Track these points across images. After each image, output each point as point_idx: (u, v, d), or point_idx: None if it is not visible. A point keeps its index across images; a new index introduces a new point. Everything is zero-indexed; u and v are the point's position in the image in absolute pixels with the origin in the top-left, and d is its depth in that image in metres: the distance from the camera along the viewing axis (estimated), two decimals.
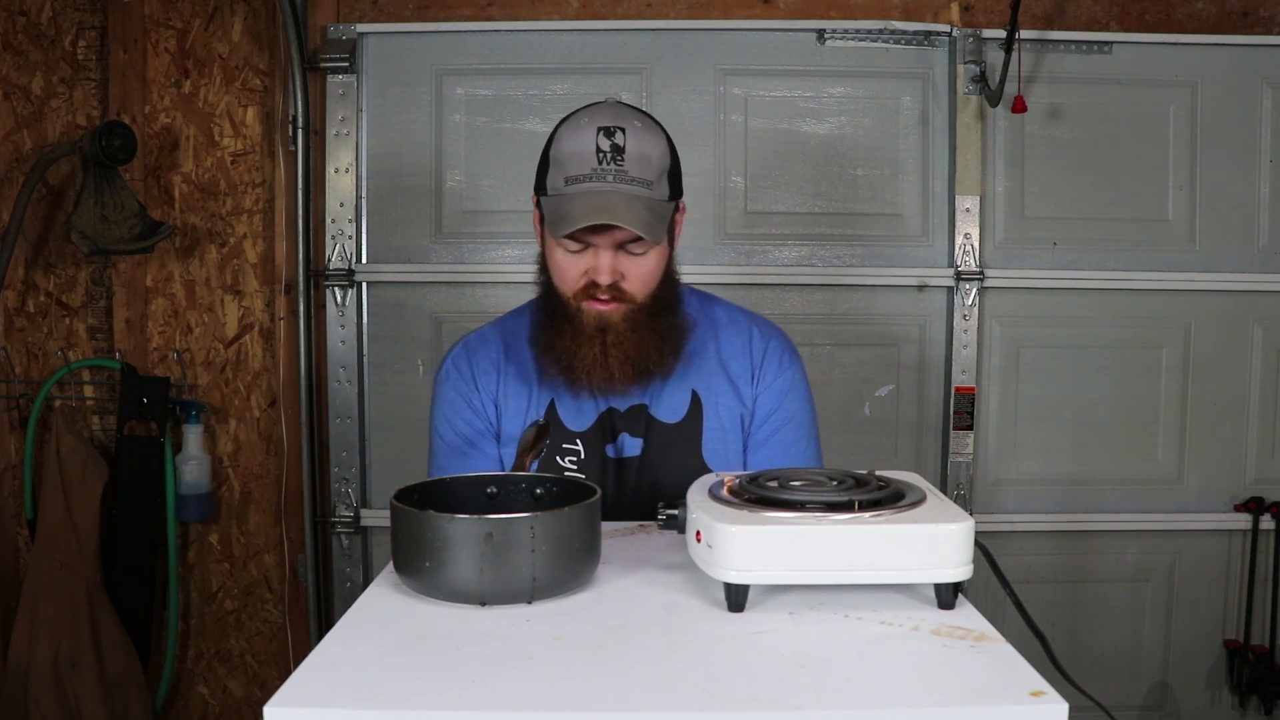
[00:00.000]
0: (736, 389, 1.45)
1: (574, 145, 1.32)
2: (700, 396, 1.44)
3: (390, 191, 2.46)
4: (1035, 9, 2.40)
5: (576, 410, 1.42)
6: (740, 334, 1.49)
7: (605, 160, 1.30)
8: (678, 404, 1.43)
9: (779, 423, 1.46)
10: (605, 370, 1.37)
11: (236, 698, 2.59)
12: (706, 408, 1.43)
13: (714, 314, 1.51)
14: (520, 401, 1.44)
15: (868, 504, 0.96)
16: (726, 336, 1.48)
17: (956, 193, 2.43)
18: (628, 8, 2.45)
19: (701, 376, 1.44)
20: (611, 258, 1.33)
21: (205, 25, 2.46)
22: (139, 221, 2.34)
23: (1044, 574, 2.50)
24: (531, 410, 1.43)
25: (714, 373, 1.45)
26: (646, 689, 0.78)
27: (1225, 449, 2.51)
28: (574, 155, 1.31)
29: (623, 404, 1.42)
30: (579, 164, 1.31)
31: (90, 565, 2.37)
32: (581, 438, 1.42)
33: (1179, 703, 2.55)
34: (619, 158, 1.30)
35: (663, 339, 1.39)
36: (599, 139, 1.30)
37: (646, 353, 1.38)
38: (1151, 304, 2.48)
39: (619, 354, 1.36)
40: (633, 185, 1.30)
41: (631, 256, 1.34)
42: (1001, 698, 0.76)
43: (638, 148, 1.31)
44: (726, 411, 1.44)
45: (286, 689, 0.76)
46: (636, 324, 1.37)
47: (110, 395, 2.49)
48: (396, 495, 1.00)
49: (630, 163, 1.30)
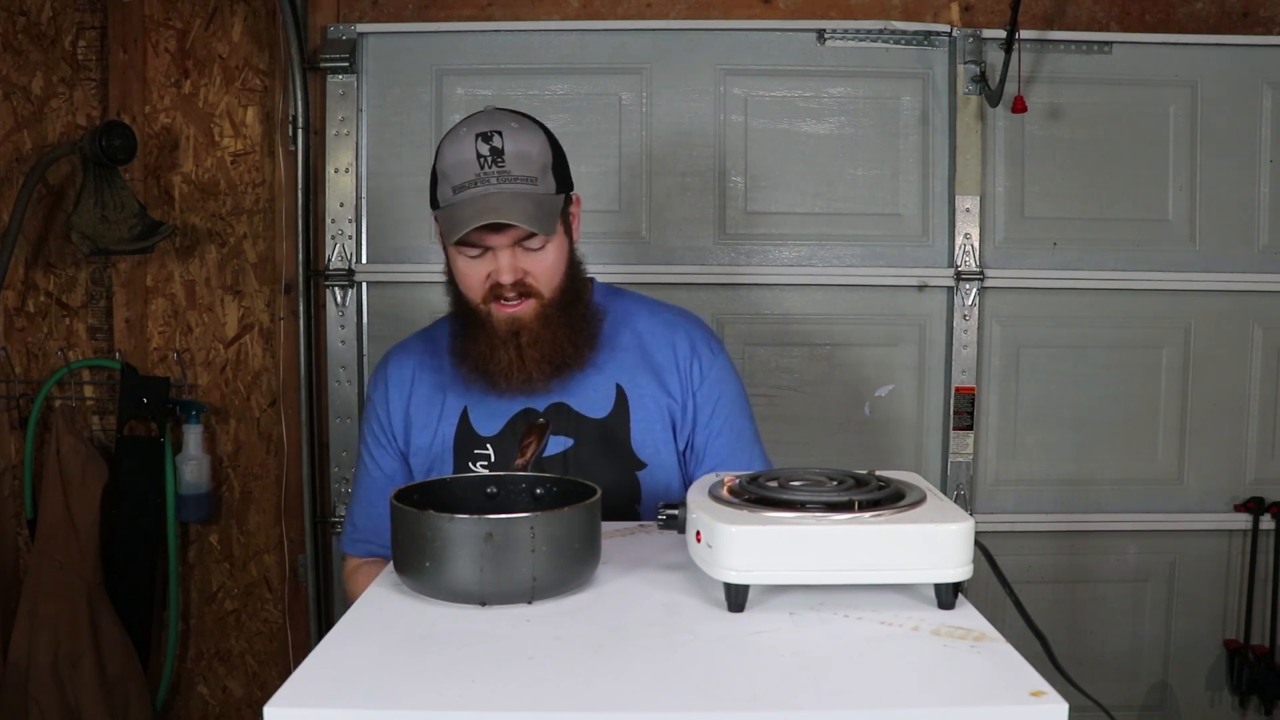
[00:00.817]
0: (663, 381, 1.46)
1: (455, 155, 1.35)
2: (625, 389, 1.45)
3: (390, 191, 2.47)
4: (1035, 9, 2.40)
5: (488, 415, 1.43)
6: (661, 326, 1.50)
7: (486, 164, 1.33)
8: (601, 398, 1.44)
9: (726, 412, 1.48)
10: (523, 371, 1.39)
11: (236, 698, 2.59)
12: (632, 400, 1.44)
13: (625, 305, 1.53)
14: (432, 410, 1.46)
15: (868, 504, 0.96)
16: (647, 328, 1.50)
17: (956, 193, 2.43)
18: (628, 8, 2.45)
19: (624, 370, 1.46)
20: (511, 257, 1.36)
21: (205, 25, 2.46)
22: (139, 221, 2.34)
23: (1044, 574, 2.50)
24: (443, 420, 1.45)
25: (636, 365, 1.46)
26: (646, 689, 0.78)
27: (1225, 449, 2.51)
28: (456, 165, 1.35)
29: (541, 403, 1.43)
30: (462, 172, 1.34)
31: (90, 565, 2.37)
32: (492, 442, 1.43)
33: (1179, 703, 2.55)
34: (499, 159, 1.34)
35: (575, 330, 1.42)
36: (478, 145, 1.34)
37: (562, 348, 1.40)
38: (1151, 304, 2.48)
39: (535, 354, 1.39)
40: (517, 184, 1.33)
41: (530, 253, 1.37)
42: (1001, 698, 0.76)
43: (516, 147, 1.34)
44: (653, 403, 1.45)
45: (286, 689, 0.76)
46: (548, 320, 1.39)
47: (110, 395, 2.49)
48: (396, 495, 1.00)
49: (511, 162, 1.34)
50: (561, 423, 1.42)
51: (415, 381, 1.49)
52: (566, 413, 1.43)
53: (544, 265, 1.38)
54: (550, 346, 1.39)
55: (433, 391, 1.48)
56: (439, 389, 1.47)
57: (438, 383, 1.48)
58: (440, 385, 1.47)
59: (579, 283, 1.46)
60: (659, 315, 1.52)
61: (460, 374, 1.44)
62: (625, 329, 1.49)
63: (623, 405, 1.44)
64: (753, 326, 2.46)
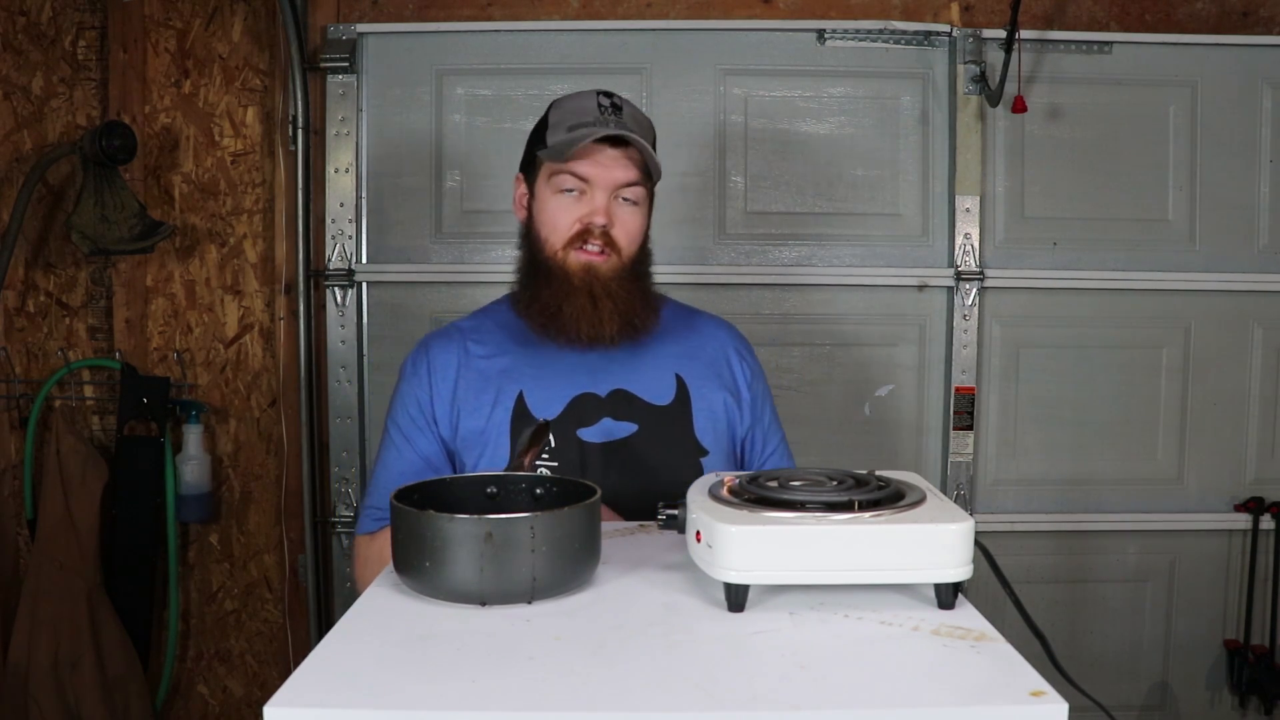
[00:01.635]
0: (719, 375, 1.49)
1: (574, 104, 1.42)
2: (685, 380, 1.46)
3: (390, 191, 2.47)
4: (1035, 9, 2.40)
5: (546, 398, 1.42)
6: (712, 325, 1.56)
7: (605, 112, 1.40)
8: (663, 387, 1.45)
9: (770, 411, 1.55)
10: (594, 318, 1.39)
11: (236, 698, 2.59)
12: (693, 390, 1.46)
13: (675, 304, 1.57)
14: (484, 394, 1.43)
15: (868, 504, 0.96)
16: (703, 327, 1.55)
17: (956, 193, 2.43)
18: (628, 8, 2.45)
19: (682, 362, 1.48)
20: (607, 199, 1.39)
21: (205, 25, 2.46)
22: (139, 221, 2.34)
23: (1044, 574, 2.50)
24: (498, 405, 1.42)
25: (694, 357, 1.49)
26: (646, 689, 0.78)
27: (1225, 449, 2.51)
28: (574, 110, 1.41)
29: (603, 388, 1.42)
30: (580, 115, 1.40)
31: (90, 565, 2.37)
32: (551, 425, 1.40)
33: (1179, 703, 2.55)
34: (618, 112, 1.41)
35: (645, 296, 1.45)
36: (599, 98, 1.41)
37: (634, 305, 1.42)
38: (1151, 304, 2.48)
39: (609, 304, 1.40)
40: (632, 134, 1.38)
41: (625, 206, 1.41)
42: (1001, 698, 0.76)
43: (632, 112, 1.43)
44: (714, 398, 1.47)
45: (286, 689, 0.76)
46: (622, 278, 1.41)
47: (110, 395, 2.49)
48: (396, 495, 1.00)
49: (628, 119, 1.40)
50: (624, 409, 1.42)
51: (462, 366, 1.46)
52: (629, 399, 1.43)
53: (632, 224, 1.41)
54: (624, 301, 1.40)
55: (483, 376, 1.45)
56: (491, 373, 1.45)
57: (490, 367, 1.45)
58: (493, 369, 1.45)
59: (648, 264, 1.48)
60: (705, 315, 1.59)
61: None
62: (681, 323, 1.53)
63: (684, 394, 1.45)
64: (753, 326, 2.45)
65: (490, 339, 1.48)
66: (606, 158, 1.38)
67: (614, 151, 1.39)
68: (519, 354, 1.45)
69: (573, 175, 1.39)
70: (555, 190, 1.40)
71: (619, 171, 1.38)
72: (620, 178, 1.39)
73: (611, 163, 1.38)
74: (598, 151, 1.38)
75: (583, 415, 1.41)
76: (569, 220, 1.40)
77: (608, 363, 1.44)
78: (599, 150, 1.38)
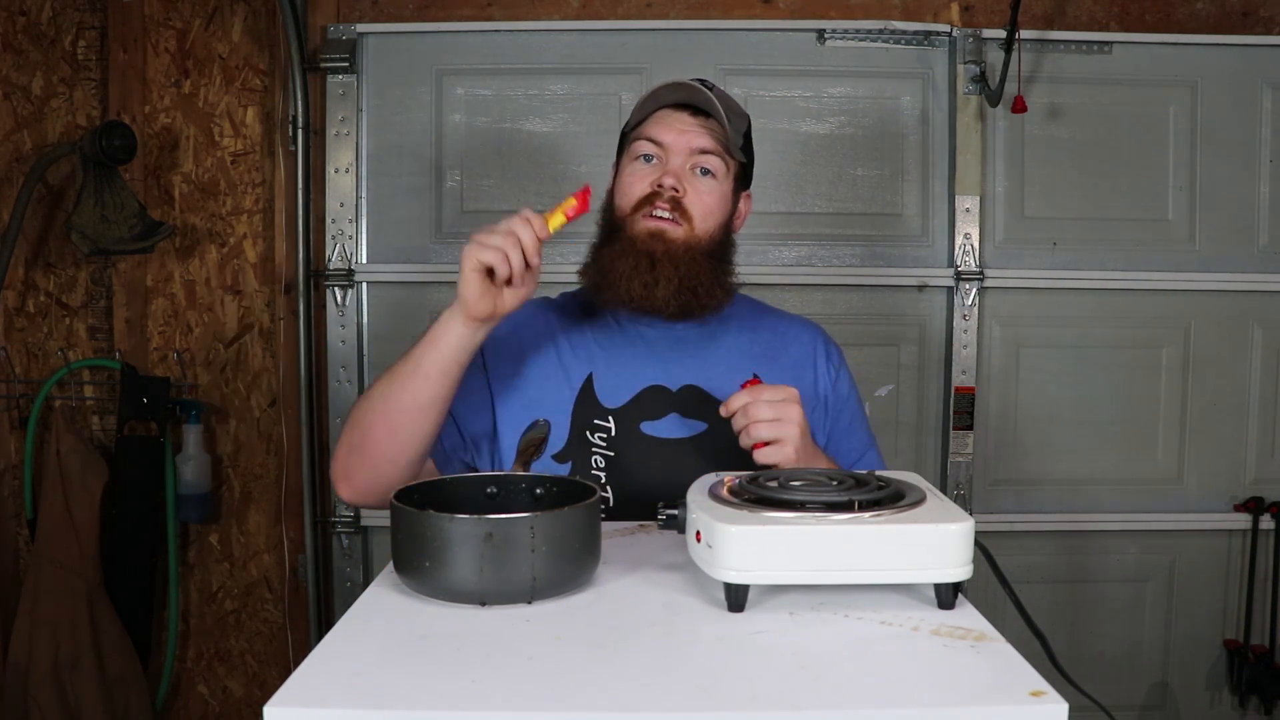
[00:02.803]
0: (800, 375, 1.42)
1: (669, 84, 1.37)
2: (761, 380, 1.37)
3: (390, 191, 2.47)
4: (1035, 9, 2.40)
5: (615, 385, 1.37)
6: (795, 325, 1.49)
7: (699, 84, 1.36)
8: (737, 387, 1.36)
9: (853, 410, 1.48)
10: (650, 277, 1.30)
11: (236, 698, 2.59)
12: None
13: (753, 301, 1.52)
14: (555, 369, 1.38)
15: (867, 504, 0.96)
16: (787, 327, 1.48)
17: (956, 193, 2.43)
18: (628, 8, 2.45)
19: (759, 360, 1.41)
20: (681, 166, 1.34)
21: (205, 25, 2.46)
22: (139, 221, 2.34)
23: (1044, 574, 2.50)
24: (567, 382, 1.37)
25: (773, 357, 1.42)
26: (646, 689, 0.78)
27: (1225, 449, 2.51)
28: (667, 87, 1.37)
29: (675, 381, 1.38)
30: (674, 89, 1.36)
31: (90, 565, 2.37)
32: (615, 415, 1.35)
33: (1179, 703, 2.55)
34: (712, 90, 1.36)
35: (714, 272, 1.36)
36: (695, 81, 1.36)
37: (698, 276, 1.33)
38: (1151, 304, 2.48)
39: (669, 269, 1.31)
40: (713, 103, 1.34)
41: (699, 177, 1.35)
42: (1001, 698, 0.76)
43: (726, 100, 1.37)
44: None
45: (286, 689, 0.76)
46: (691, 249, 1.33)
47: (110, 395, 2.49)
48: (396, 495, 1.00)
49: (719, 97, 1.36)
50: (694, 406, 1.36)
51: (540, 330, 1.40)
52: (701, 397, 1.37)
53: (708, 195, 1.35)
54: (686, 269, 1.32)
55: (555, 350, 1.39)
56: (563, 348, 1.39)
57: (563, 343, 1.40)
58: (565, 346, 1.40)
59: (727, 251, 1.40)
60: (790, 315, 1.52)
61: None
62: (761, 320, 1.48)
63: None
64: None
65: (570, 317, 1.44)
66: (684, 123, 1.34)
67: (693, 119, 1.35)
68: (594, 334, 1.40)
69: (649, 140, 1.35)
70: (632, 158, 1.37)
71: (695, 138, 1.34)
72: (696, 143, 1.34)
73: (688, 130, 1.34)
74: (675, 118, 1.35)
75: (651, 408, 1.35)
76: (641, 183, 1.34)
77: (680, 353, 1.39)
78: (677, 117, 1.35)
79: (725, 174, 1.38)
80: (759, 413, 1.20)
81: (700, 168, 1.35)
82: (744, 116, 1.42)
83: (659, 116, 1.35)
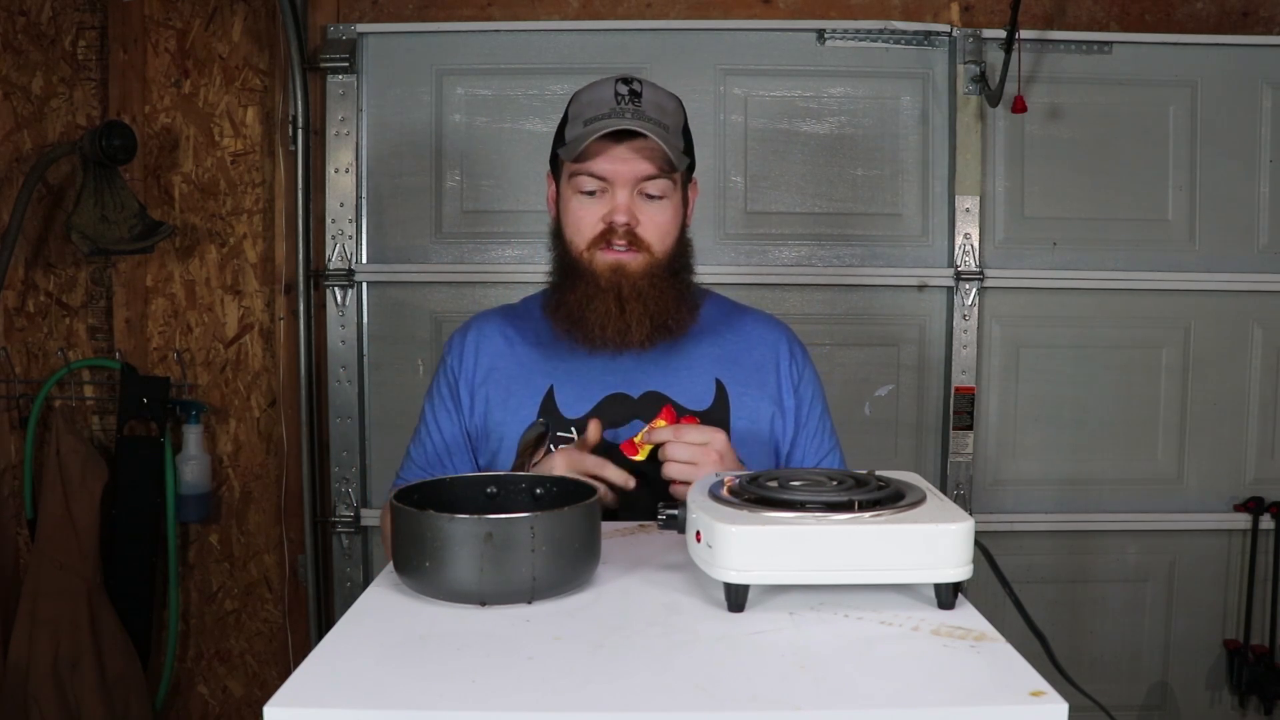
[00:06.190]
0: (763, 380, 1.42)
1: (592, 95, 1.34)
2: (725, 386, 1.40)
3: (390, 191, 2.47)
4: (1035, 9, 2.40)
5: (576, 396, 1.38)
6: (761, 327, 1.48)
7: (623, 101, 1.32)
8: (701, 391, 1.39)
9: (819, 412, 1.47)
10: (622, 322, 1.32)
11: (236, 698, 2.59)
12: (733, 396, 1.40)
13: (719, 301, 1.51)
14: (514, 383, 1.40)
15: (867, 504, 0.95)
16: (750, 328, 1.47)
17: (956, 193, 2.43)
18: (628, 8, 2.45)
19: (723, 365, 1.41)
20: (629, 197, 1.33)
21: (205, 25, 2.46)
22: (139, 221, 2.34)
23: (1044, 574, 2.50)
24: (527, 398, 1.39)
25: (736, 361, 1.42)
26: (646, 689, 0.78)
27: (1225, 449, 2.51)
28: (591, 102, 1.33)
29: (635, 389, 1.38)
30: (596, 107, 1.32)
31: (90, 565, 2.37)
32: (577, 425, 1.36)
33: (1179, 703, 2.55)
34: (636, 100, 1.33)
35: (679, 296, 1.37)
36: (616, 86, 1.33)
37: (665, 306, 1.35)
38: (1151, 304, 2.48)
39: (637, 306, 1.33)
40: (650, 123, 1.31)
41: (648, 201, 1.34)
42: (1001, 698, 0.76)
43: (654, 97, 1.34)
44: (754, 405, 1.40)
45: (286, 689, 0.76)
46: (654, 278, 1.34)
47: (110, 395, 2.49)
48: (396, 495, 1.00)
49: (648, 106, 1.33)
50: (656, 411, 1.35)
51: (499, 352, 1.43)
52: (662, 402, 1.37)
53: (660, 219, 1.34)
54: (653, 302, 1.33)
55: (516, 365, 1.41)
56: (524, 363, 1.41)
57: (523, 357, 1.42)
58: (525, 360, 1.41)
59: (686, 258, 1.41)
60: (753, 313, 1.51)
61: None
62: (724, 323, 1.47)
63: (723, 400, 1.39)
64: None
65: (530, 328, 1.45)
66: (623, 152, 1.31)
67: (631, 145, 1.31)
68: (554, 347, 1.41)
69: (590, 175, 1.33)
70: (575, 191, 1.35)
71: (637, 164, 1.31)
72: (640, 171, 1.32)
73: (629, 157, 1.31)
74: (613, 146, 1.31)
75: (612, 415, 1.36)
76: (591, 220, 1.34)
77: (642, 362, 1.39)
78: (614, 145, 1.31)
79: (673, 188, 1.36)
80: (675, 453, 1.23)
81: (647, 193, 1.34)
82: (678, 111, 1.39)
83: (595, 149, 1.31)
